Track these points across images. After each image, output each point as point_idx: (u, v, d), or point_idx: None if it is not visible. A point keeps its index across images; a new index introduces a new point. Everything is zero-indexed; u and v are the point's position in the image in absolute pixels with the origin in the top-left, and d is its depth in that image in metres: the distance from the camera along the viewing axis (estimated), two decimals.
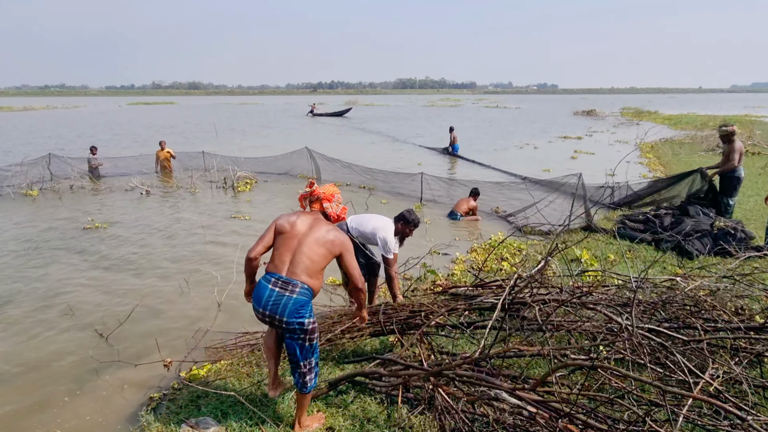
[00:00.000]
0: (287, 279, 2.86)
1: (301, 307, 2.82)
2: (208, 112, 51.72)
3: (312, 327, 2.88)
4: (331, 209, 3.17)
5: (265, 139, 25.25)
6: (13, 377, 4.12)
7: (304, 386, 2.98)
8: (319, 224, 3.01)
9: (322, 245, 2.92)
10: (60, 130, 30.87)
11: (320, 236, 2.95)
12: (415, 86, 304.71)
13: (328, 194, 3.18)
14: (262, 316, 2.93)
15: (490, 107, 66.66)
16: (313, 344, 2.93)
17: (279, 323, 2.86)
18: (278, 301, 2.82)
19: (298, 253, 2.90)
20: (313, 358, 2.96)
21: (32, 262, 6.86)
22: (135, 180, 12.20)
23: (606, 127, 30.85)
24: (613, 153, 18.02)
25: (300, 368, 2.94)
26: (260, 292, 2.90)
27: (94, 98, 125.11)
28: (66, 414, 3.65)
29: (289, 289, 2.83)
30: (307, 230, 2.97)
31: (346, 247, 3.01)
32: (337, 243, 2.98)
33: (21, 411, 3.69)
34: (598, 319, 3.56)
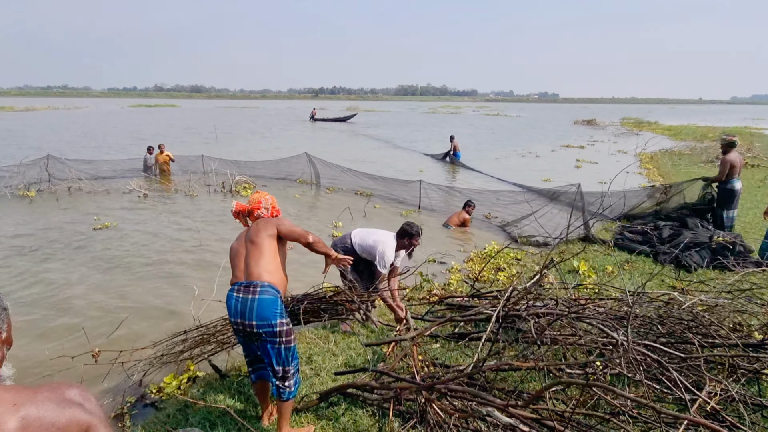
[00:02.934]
0: (248, 282, 2.83)
1: (269, 306, 2.77)
2: (210, 116, 51.77)
3: (285, 329, 2.82)
4: (263, 214, 3.13)
5: (265, 143, 25.26)
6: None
7: (282, 393, 2.89)
8: (251, 228, 3.05)
9: (263, 238, 2.92)
10: (61, 130, 30.87)
11: (256, 231, 2.97)
12: (416, 93, 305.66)
13: (253, 204, 3.15)
14: (235, 326, 2.87)
15: (491, 115, 66.83)
16: (290, 348, 2.87)
17: (251, 329, 2.79)
18: (244, 305, 2.78)
19: (248, 256, 2.92)
20: (291, 364, 2.90)
21: (24, 262, 6.80)
22: (133, 183, 12.16)
23: (606, 137, 30.90)
24: (613, 163, 18.01)
25: (276, 374, 2.87)
26: (228, 303, 2.88)
27: (96, 99, 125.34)
28: None
29: (252, 291, 2.79)
30: (244, 236, 3.04)
31: (277, 221, 3.03)
32: (270, 223, 3.00)
33: None
34: (594, 333, 3.50)
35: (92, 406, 1.32)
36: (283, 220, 3.06)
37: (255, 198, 3.16)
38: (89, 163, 13.76)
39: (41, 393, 1.24)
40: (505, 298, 3.01)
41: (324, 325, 4.87)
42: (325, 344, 4.41)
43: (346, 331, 4.68)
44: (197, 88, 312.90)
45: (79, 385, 1.34)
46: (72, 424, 1.22)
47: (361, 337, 4.58)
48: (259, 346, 2.88)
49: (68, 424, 1.22)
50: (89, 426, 1.28)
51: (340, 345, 4.41)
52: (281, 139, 27.76)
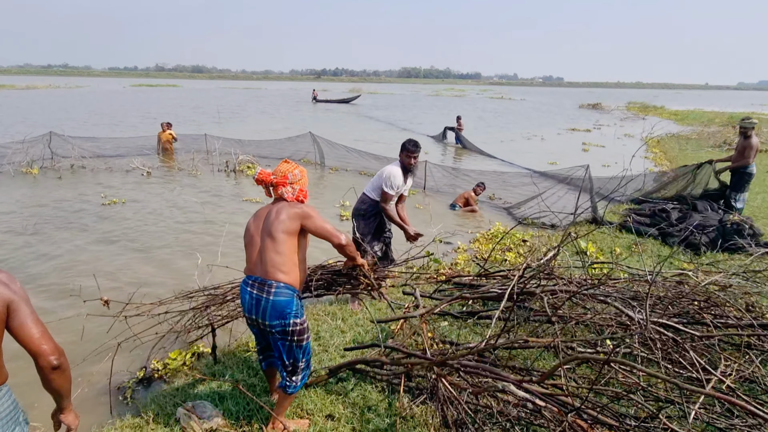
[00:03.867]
0: (262, 279, 2.68)
1: (283, 308, 2.65)
2: (212, 96, 51.40)
3: (299, 328, 2.70)
4: (287, 194, 2.82)
5: (268, 123, 25.09)
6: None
7: (287, 387, 2.80)
8: (271, 213, 2.75)
9: (281, 232, 2.66)
10: (68, 108, 30.68)
11: (276, 224, 2.68)
12: (419, 75, 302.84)
13: (279, 178, 2.82)
14: (249, 320, 2.81)
15: (495, 98, 66.17)
16: (302, 345, 2.75)
17: (264, 326, 2.72)
18: (258, 303, 2.67)
19: (264, 251, 2.70)
20: (302, 360, 2.79)
21: (30, 238, 6.78)
22: (136, 161, 12.08)
23: (612, 121, 30.61)
24: (620, 147, 17.86)
25: (285, 368, 2.79)
26: (242, 295, 2.77)
27: (97, 79, 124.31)
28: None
29: (266, 291, 2.65)
30: (262, 224, 2.76)
31: (304, 214, 2.70)
32: (293, 216, 2.69)
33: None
34: (607, 312, 3.47)
35: (16, 287, 1.66)
36: (311, 213, 2.73)
37: (282, 170, 2.82)
38: (92, 141, 13.66)
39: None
40: (519, 274, 2.96)
41: (331, 302, 4.86)
42: (333, 321, 4.39)
43: (354, 308, 4.66)
44: (199, 68, 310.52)
45: (4, 270, 1.67)
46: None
47: (369, 314, 4.55)
48: (271, 339, 2.79)
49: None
50: (11, 301, 1.62)
51: (348, 322, 4.39)
52: (285, 119, 27.55)
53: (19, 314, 1.63)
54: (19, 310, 1.64)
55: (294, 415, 3.11)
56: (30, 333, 1.64)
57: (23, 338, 1.65)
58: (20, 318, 1.63)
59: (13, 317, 1.62)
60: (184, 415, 3.07)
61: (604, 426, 2.31)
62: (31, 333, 1.65)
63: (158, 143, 13.97)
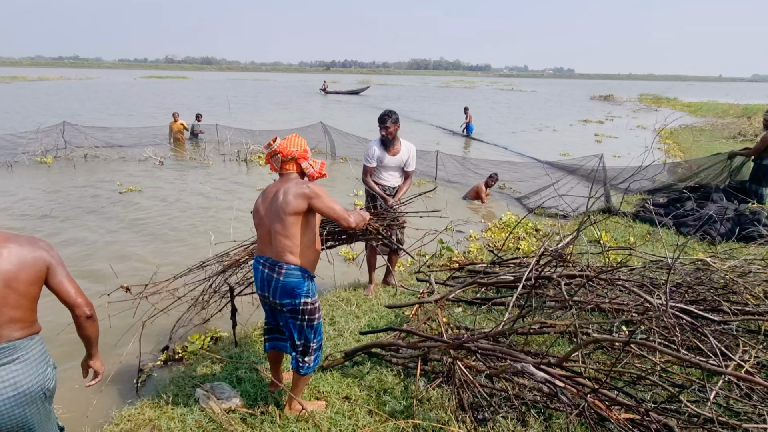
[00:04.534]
0: (273, 260, 2.67)
1: (293, 288, 2.65)
2: (224, 87, 51.50)
3: (310, 307, 2.70)
4: (311, 169, 2.76)
5: (278, 114, 25.11)
6: None
7: (300, 368, 2.81)
8: (279, 193, 2.64)
9: (289, 214, 2.58)
10: (76, 99, 30.90)
11: (283, 206, 2.59)
12: (429, 67, 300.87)
13: (300, 151, 2.71)
14: (261, 297, 2.82)
15: (505, 90, 65.59)
16: (313, 326, 2.76)
17: (274, 304, 2.74)
18: (269, 281, 2.68)
19: (273, 232, 2.65)
20: (313, 340, 2.79)
21: (48, 224, 6.88)
22: (148, 150, 12.17)
23: (625, 113, 30.27)
24: (632, 138, 17.67)
25: (296, 348, 2.80)
26: (255, 273, 2.79)
27: (107, 70, 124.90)
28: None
29: (276, 271, 2.64)
30: (269, 205, 2.68)
31: (312, 194, 2.59)
32: (299, 196, 2.58)
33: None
34: (623, 299, 3.46)
35: (54, 253, 2.01)
36: (318, 193, 2.61)
37: (299, 143, 2.74)
38: (105, 131, 13.77)
39: (22, 237, 1.94)
40: (537, 257, 2.95)
41: (345, 288, 4.88)
42: (348, 307, 4.42)
43: (368, 295, 4.69)
44: (208, 59, 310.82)
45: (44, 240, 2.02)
46: (38, 261, 1.92)
47: (383, 300, 4.58)
48: (282, 318, 2.80)
49: (36, 260, 1.91)
50: (50, 264, 1.97)
51: (362, 308, 4.42)
52: (295, 110, 27.55)
53: (58, 274, 1.97)
54: (58, 271, 1.98)
55: (311, 397, 3.14)
56: (67, 289, 2.00)
57: (62, 293, 2.00)
58: (59, 277, 1.98)
59: (53, 276, 1.96)
60: (203, 396, 3.12)
61: (622, 407, 2.31)
62: (68, 289, 2.00)
63: (169, 133, 14.05)
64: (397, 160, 4.48)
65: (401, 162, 4.50)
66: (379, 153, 4.48)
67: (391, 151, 4.47)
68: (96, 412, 3.20)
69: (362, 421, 2.90)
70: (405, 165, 4.53)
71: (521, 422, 2.83)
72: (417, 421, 2.86)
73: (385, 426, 2.85)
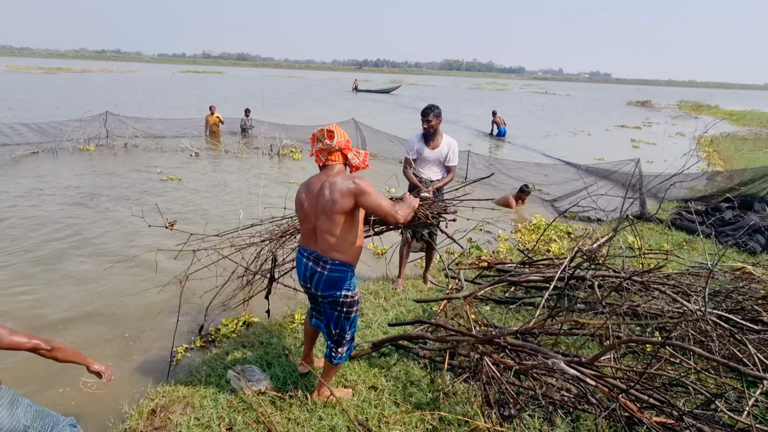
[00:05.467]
0: (318, 255, 2.67)
1: (336, 282, 2.67)
2: (257, 83, 52.38)
3: (350, 300, 2.72)
4: (357, 159, 2.73)
5: (311, 110, 25.39)
6: (70, 322, 4.31)
7: (333, 357, 2.87)
8: (324, 189, 2.60)
9: (334, 213, 2.55)
10: (118, 90, 31.96)
11: (330, 204, 2.55)
12: (461, 68, 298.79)
13: (345, 142, 2.67)
14: (303, 287, 2.85)
15: (538, 93, 64.64)
16: (350, 318, 2.79)
17: (316, 295, 2.78)
18: (313, 274, 2.69)
19: (318, 230, 2.64)
20: (348, 331, 2.83)
21: (91, 210, 7.15)
22: (185, 142, 12.49)
23: (663, 119, 29.44)
24: (670, 145, 17.19)
25: (331, 337, 2.85)
26: (298, 263, 2.81)
27: (147, 64, 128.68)
28: (111, 352, 3.80)
29: (321, 265, 2.66)
30: (315, 200, 2.64)
31: (358, 191, 2.53)
32: (346, 194, 2.53)
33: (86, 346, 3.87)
34: (659, 303, 3.39)
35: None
36: (366, 189, 2.54)
37: (342, 134, 2.69)
38: (144, 121, 14.20)
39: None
40: (571, 256, 2.92)
41: (374, 281, 4.93)
42: (376, 300, 4.47)
43: (396, 289, 4.72)
44: (243, 56, 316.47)
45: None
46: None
47: (411, 294, 4.60)
48: (322, 307, 2.85)
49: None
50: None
51: (390, 301, 4.45)
52: (327, 107, 27.80)
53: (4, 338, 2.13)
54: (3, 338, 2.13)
55: (338, 385, 3.19)
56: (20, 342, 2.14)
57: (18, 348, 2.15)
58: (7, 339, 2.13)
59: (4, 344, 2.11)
60: (234, 378, 3.21)
61: (655, 411, 2.27)
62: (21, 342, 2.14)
63: (206, 126, 14.38)
64: (436, 153, 4.51)
65: (441, 156, 4.52)
66: (419, 146, 4.53)
67: (431, 145, 4.51)
68: (132, 388, 3.33)
69: (388, 411, 2.93)
70: (446, 159, 4.55)
71: (548, 421, 2.82)
72: (443, 413, 2.87)
73: (411, 416, 2.87)
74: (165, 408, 2.95)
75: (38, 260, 5.33)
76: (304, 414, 2.86)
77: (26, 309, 4.33)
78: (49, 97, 25.18)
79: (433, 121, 4.43)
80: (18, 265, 5.19)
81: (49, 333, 3.95)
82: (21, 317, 4.18)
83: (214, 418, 2.84)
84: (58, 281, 4.89)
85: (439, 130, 4.55)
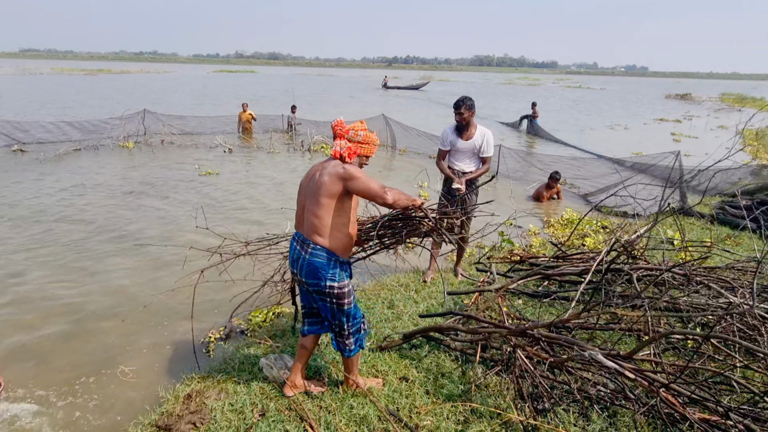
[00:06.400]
0: (304, 238, 2.66)
1: (316, 269, 2.60)
2: (289, 81, 53.07)
3: (337, 291, 2.64)
4: (337, 146, 2.66)
5: (342, 107, 25.55)
6: (111, 312, 4.46)
7: (342, 350, 2.84)
8: (317, 173, 2.63)
9: (320, 195, 2.54)
10: (157, 90, 32.93)
11: (315, 187, 2.57)
12: (492, 64, 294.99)
13: (342, 130, 2.68)
14: (292, 274, 2.81)
15: (572, 87, 63.17)
16: (344, 310, 2.71)
17: (301, 283, 2.73)
18: (298, 258, 2.67)
19: (306, 212, 2.65)
20: (347, 323, 2.76)
21: (130, 206, 7.39)
22: (219, 138, 12.75)
23: (704, 112, 28.30)
24: (712, 138, 16.51)
25: (333, 328, 2.81)
26: (290, 249, 2.79)
27: (182, 65, 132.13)
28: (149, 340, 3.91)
29: (305, 249, 2.63)
30: (306, 183, 2.69)
31: (347, 175, 2.51)
32: (334, 178, 2.52)
33: (121, 336, 4.00)
34: (701, 298, 3.25)
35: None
36: (354, 174, 2.52)
37: (351, 126, 2.73)
38: (179, 119, 14.58)
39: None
40: (606, 250, 2.84)
41: (405, 273, 4.92)
42: (406, 292, 4.45)
43: (426, 281, 4.70)
44: (275, 55, 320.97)
45: None
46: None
47: (443, 286, 4.56)
48: (313, 298, 2.79)
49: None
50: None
51: (420, 294, 4.43)
52: (357, 103, 27.90)
53: None
54: None
55: (369, 374, 3.20)
56: None
57: None
58: None
59: None
60: (267, 365, 3.25)
61: (698, 406, 2.18)
62: None
63: (239, 122, 14.65)
64: (470, 144, 4.46)
65: (474, 147, 4.47)
66: (452, 137, 4.50)
67: (464, 136, 4.47)
68: (168, 375, 3.42)
69: (419, 401, 2.92)
70: (480, 151, 4.49)
71: (583, 416, 2.75)
72: (475, 405, 2.84)
73: (443, 407, 2.85)
74: (200, 393, 3.01)
75: (81, 253, 5.54)
76: (335, 402, 2.88)
77: (70, 300, 4.50)
78: (92, 97, 26.17)
79: (465, 114, 4.38)
80: (62, 257, 5.40)
81: (91, 322, 4.11)
82: (65, 308, 4.35)
83: (247, 404, 2.89)
84: (101, 273, 5.06)
85: (473, 122, 4.49)
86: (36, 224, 6.35)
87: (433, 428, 2.70)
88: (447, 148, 4.55)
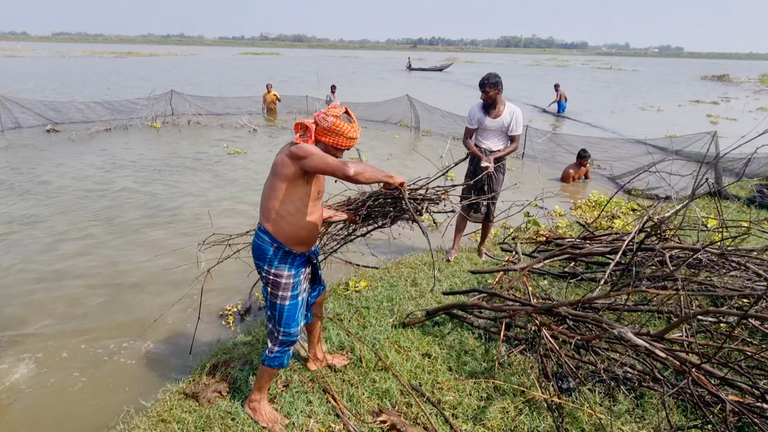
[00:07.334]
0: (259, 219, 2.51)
1: (256, 250, 2.44)
2: (314, 63, 52.99)
3: (272, 278, 2.42)
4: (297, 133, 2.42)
5: (367, 88, 25.40)
6: (143, 284, 4.57)
7: (263, 354, 2.56)
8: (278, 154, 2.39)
9: (274, 178, 2.33)
10: (201, 73, 33.32)
11: (273, 168, 2.36)
12: (519, 45, 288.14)
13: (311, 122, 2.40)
14: None
15: (602, 69, 61.22)
16: (275, 303, 2.45)
17: None
18: None
19: (262, 192, 2.47)
20: (271, 320, 2.51)
21: (160, 182, 7.54)
22: (244, 119, 12.84)
23: (743, 94, 27.13)
24: (751, 121, 15.82)
25: (267, 324, 2.59)
26: None
27: (209, 47, 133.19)
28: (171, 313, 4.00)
29: (256, 230, 2.50)
30: None
31: (300, 153, 2.24)
32: (286, 159, 2.29)
33: (146, 311, 4.11)
34: (736, 280, 3.14)
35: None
36: (309, 151, 2.24)
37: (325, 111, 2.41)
38: (205, 100, 14.73)
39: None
40: (637, 229, 2.74)
41: (428, 252, 4.89)
42: (429, 271, 4.43)
43: (449, 259, 4.67)
44: (299, 37, 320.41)
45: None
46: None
47: (466, 265, 4.53)
48: None
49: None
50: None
51: (444, 272, 4.41)
52: (381, 84, 27.68)
53: None
54: None
55: (392, 350, 3.19)
56: None
57: None
58: None
59: None
60: None
61: (732, 388, 2.11)
62: None
63: (263, 103, 14.72)
64: (498, 122, 4.36)
65: (502, 125, 4.36)
66: (480, 115, 4.39)
67: (492, 114, 4.36)
68: (195, 346, 3.49)
69: (442, 377, 2.91)
70: (509, 129, 4.38)
71: (610, 397, 2.70)
72: (498, 382, 2.82)
73: (465, 384, 2.84)
74: (226, 363, 3.07)
75: (114, 228, 5.69)
76: (358, 375, 2.90)
77: (103, 272, 4.64)
78: (121, 78, 26.63)
79: (491, 92, 4.27)
80: (95, 233, 5.55)
81: (124, 296, 4.23)
82: (100, 279, 4.48)
83: None
84: (132, 247, 5.19)
85: (501, 99, 4.37)
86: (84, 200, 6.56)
87: (455, 403, 2.70)
88: (474, 126, 4.46)
